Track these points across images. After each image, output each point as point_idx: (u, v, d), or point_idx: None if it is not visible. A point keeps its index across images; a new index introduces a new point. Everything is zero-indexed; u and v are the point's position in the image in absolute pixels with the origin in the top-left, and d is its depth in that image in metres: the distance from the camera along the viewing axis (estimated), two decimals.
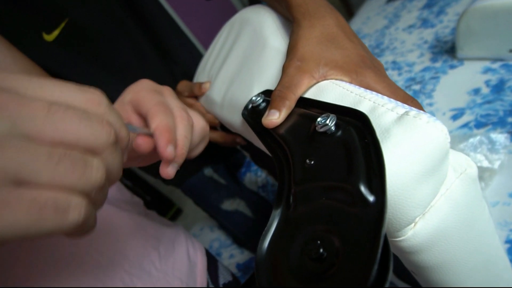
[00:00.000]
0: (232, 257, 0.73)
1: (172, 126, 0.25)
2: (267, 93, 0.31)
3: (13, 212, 0.11)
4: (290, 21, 0.36)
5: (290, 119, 0.25)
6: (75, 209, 0.13)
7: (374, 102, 0.21)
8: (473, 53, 0.69)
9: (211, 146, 0.53)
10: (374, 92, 0.23)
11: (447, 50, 0.78)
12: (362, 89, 0.24)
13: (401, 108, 0.20)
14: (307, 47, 0.28)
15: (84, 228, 0.14)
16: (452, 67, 0.73)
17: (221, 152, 0.68)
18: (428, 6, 0.96)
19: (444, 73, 0.73)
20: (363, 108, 0.22)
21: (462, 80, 0.68)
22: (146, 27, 0.56)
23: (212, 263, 0.50)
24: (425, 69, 0.77)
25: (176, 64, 0.59)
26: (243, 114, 0.31)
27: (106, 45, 0.52)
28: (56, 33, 0.48)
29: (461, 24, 0.64)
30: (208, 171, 0.67)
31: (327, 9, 0.30)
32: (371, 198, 0.16)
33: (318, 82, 0.27)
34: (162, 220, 0.49)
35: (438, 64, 0.76)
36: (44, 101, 0.13)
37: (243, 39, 0.39)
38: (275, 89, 0.27)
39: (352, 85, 0.25)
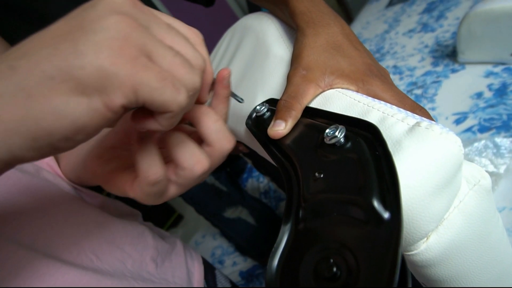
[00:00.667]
0: (235, 264, 0.72)
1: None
2: (271, 102, 0.30)
3: (148, 74, 0.15)
4: (293, 29, 0.36)
5: (296, 129, 0.25)
6: (183, 93, 0.17)
7: (383, 112, 0.21)
8: (475, 57, 0.68)
9: None
10: (382, 102, 0.23)
11: (448, 54, 0.78)
12: (370, 98, 0.23)
13: (411, 118, 0.20)
14: (312, 55, 0.27)
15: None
16: (454, 71, 0.73)
17: None
18: (428, 10, 0.96)
19: (446, 77, 0.73)
20: (372, 118, 0.21)
21: (464, 84, 0.67)
22: None
23: (210, 271, 0.50)
24: (427, 74, 0.77)
25: None
26: (247, 124, 0.30)
27: None
28: None
29: (462, 28, 0.64)
30: (209, 179, 0.66)
31: (331, 17, 0.30)
32: (385, 214, 0.15)
33: (324, 91, 0.27)
34: (160, 231, 0.49)
35: (439, 68, 0.76)
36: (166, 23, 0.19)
37: (246, 46, 0.39)
38: (281, 98, 0.26)
39: (359, 94, 0.24)
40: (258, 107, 0.30)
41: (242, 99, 0.27)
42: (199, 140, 0.24)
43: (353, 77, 0.26)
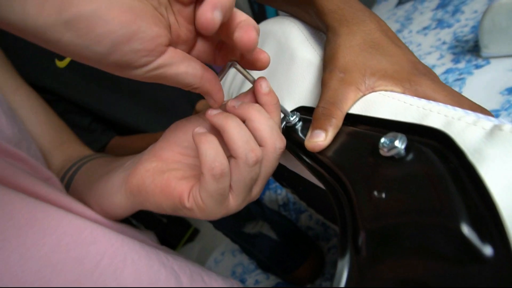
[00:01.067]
0: (257, 283, 0.68)
1: None
2: (302, 110, 0.28)
3: None
4: (320, 31, 0.33)
5: (338, 140, 0.22)
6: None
7: (446, 116, 0.18)
8: (500, 50, 0.65)
9: None
10: (440, 103, 0.19)
11: (469, 50, 0.74)
12: (424, 100, 0.20)
13: (485, 121, 0.16)
14: (349, 56, 0.25)
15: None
16: (478, 66, 0.69)
17: None
18: (441, 6, 0.93)
19: (470, 74, 0.69)
20: (432, 123, 0.18)
21: (492, 80, 0.63)
22: None
23: None
24: (448, 71, 0.73)
25: None
26: None
27: None
28: (68, 59, 0.46)
29: (485, 21, 0.60)
30: None
31: (365, 13, 0.27)
32: (486, 249, 0.12)
33: (364, 95, 0.24)
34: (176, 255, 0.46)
35: (461, 65, 0.72)
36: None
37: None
38: (318, 106, 0.24)
39: (408, 96, 0.22)
40: (289, 117, 0.27)
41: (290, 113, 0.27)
42: None
43: (398, 77, 0.23)
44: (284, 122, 0.28)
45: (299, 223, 0.73)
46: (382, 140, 0.17)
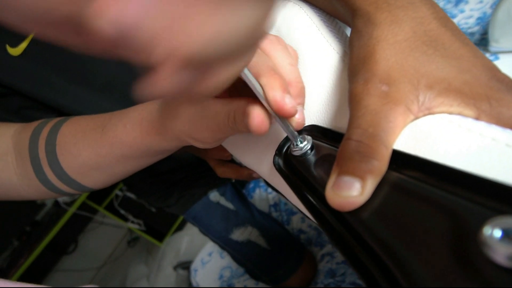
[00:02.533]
0: None
1: (272, 64, 0.19)
2: (316, 132, 0.20)
3: None
4: (339, 19, 0.25)
5: (380, 194, 0.14)
6: None
7: None
8: (511, 45, 0.60)
9: None
10: None
11: (475, 43, 0.69)
12: None
13: None
14: (393, 57, 0.17)
15: None
16: None
17: None
18: None
19: None
20: None
21: None
22: None
23: None
24: None
25: None
26: (276, 164, 0.21)
27: (85, 57, 0.44)
28: (23, 45, 0.39)
29: (500, 12, 0.55)
30: (214, 196, 0.59)
31: None
32: None
33: (416, 118, 0.16)
34: None
35: None
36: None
37: None
38: (349, 137, 0.16)
39: (489, 125, 0.15)
40: (296, 141, 0.19)
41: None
42: None
43: (470, 92, 0.15)
44: (288, 149, 0.20)
45: (290, 226, 0.69)
46: (490, 231, 0.09)
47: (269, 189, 0.79)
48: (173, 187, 0.59)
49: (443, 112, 0.16)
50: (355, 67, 0.18)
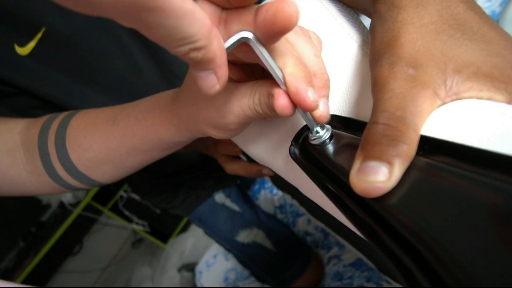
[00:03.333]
0: None
1: (297, 54, 0.18)
2: (335, 122, 0.20)
3: None
4: (355, 8, 0.24)
5: (409, 179, 0.13)
6: None
7: None
8: None
9: (221, 167, 0.45)
10: None
11: None
12: None
13: None
14: (420, 41, 0.16)
15: None
16: None
17: None
18: None
19: None
20: None
21: None
22: (140, 35, 0.47)
23: None
24: None
25: (178, 78, 0.50)
26: (292, 153, 0.20)
27: (93, 57, 0.44)
28: (31, 45, 0.39)
29: (510, 10, 0.54)
30: (219, 197, 0.58)
31: None
32: None
33: (444, 103, 0.16)
34: None
35: None
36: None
37: None
38: (374, 120, 0.15)
39: None
40: (314, 129, 0.19)
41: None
42: None
43: (500, 76, 0.15)
44: (305, 138, 0.20)
45: (296, 228, 0.68)
46: None
47: (275, 191, 0.78)
48: (178, 188, 0.59)
49: (472, 97, 0.15)
50: (378, 52, 0.18)
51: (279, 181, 0.48)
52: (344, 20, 0.24)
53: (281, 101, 0.18)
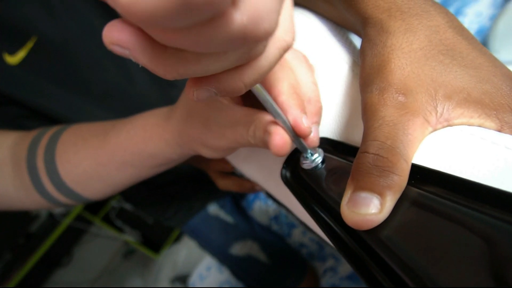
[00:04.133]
0: None
1: (294, 81, 0.19)
2: (326, 145, 0.19)
3: None
4: (346, 28, 0.24)
5: (399, 211, 0.13)
6: None
7: None
8: (511, 56, 0.60)
9: None
10: None
11: None
12: None
13: None
14: (409, 67, 0.16)
15: None
16: None
17: None
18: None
19: None
20: None
21: None
22: None
23: None
24: None
25: (173, 88, 0.49)
26: (283, 177, 0.20)
27: (85, 66, 0.43)
28: (22, 54, 0.38)
29: (500, 24, 0.55)
30: (213, 209, 0.57)
31: (427, 1, 0.18)
32: None
33: (435, 130, 0.15)
34: None
35: None
36: None
37: None
38: (364, 149, 0.15)
39: None
40: (306, 154, 0.19)
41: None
42: None
43: (490, 103, 0.15)
44: (296, 159, 0.19)
45: (291, 239, 0.67)
46: None
47: (270, 202, 0.77)
48: (171, 199, 0.58)
49: (463, 123, 0.15)
50: (368, 77, 0.18)
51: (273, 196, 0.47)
52: (335, 41, 0.24)
53: (277, 141, 0.17)
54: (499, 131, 0.14)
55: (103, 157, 0.29)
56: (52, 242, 1.46)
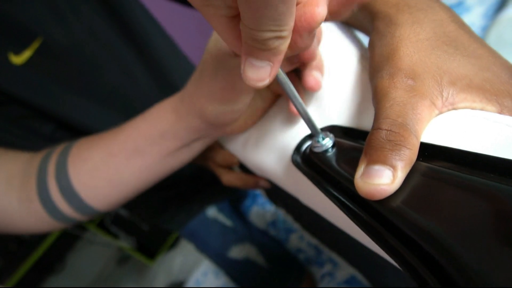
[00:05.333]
0: None
1: None
2: (337, 132, 0.21)
3: None
4: (353, 26, 0.26)
5: (410, 182, 0.14)
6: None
7: None
8: None
9: (215, 181, 0.45)
10: None
11: None
12: None
13: None
14: (417, 54, 0.18)
15: None
16: None
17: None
18: None
19: None
20: None
21: None
22: (137, 47, 0.47)
23: None
24: None
25: (175, 90, 0.50)
26: (294, 161, 0.21)
27: (89, 68, 0.44)
28: (27, 54, 0.39)
29: (491, 35, 0.57)
30: (211, 212, 0.57)
31: None
32: None
33: (441, 113, 0.17)
34: None
35: None
36: None
37: None
38: (377, 127, 0.16)
39: None
40: (319, 139, 0.20)
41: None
42: None
43: (491, 89, 0.16)
44: (309, 147, 0.20)
45: (289, 244, 0.67)
46: None
47: (267, 207, 0.77)
48: (169, 202, 0.58)
49: (466, 107, 0.16)
50: (378, 64, 0.19)
51: (274, 195, 0.47)
52: (344, 37, 0.25)
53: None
54: (500, 113, 0.16)
55: (115, 146, 0.30)
56: (45, 249, 1.44)
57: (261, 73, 0.16)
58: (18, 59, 0.38)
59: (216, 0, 0.14)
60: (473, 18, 0.84)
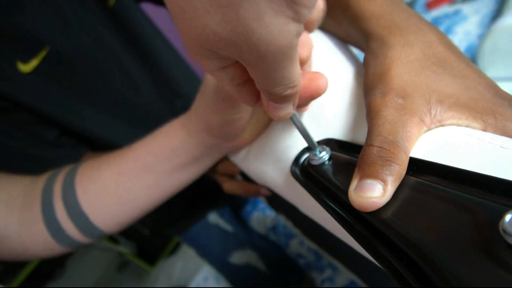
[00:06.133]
0: None
1: None
2: (333, 145, 0.22)
3: None
4: (349, 43, 0.27)
5: (399, 196, 0.15)
6: None
7: None
8: (499, 73, 0.63)
9: (216, 187, 0.45)
10: None
11: None
12: None
13: None
14: (407, 75, 0.19)
15: None
16: None
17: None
18: None
19: None
20: None
21: None
22: (140, 55, 0.49)
23: None
24: None
25: (177, 97, 0.51)
26: (293, 172, 0.22)
27: (93, 77, 0.45)
28: (34, 63, 0.40)
29: (487, 43, 0.59)
30: (213, 218, 0.58)
31: (421, 21, 0.21)
32: None
33: (429, 130, 0.18)
34: None
35: None
36: None
37: None
38: (370, 143, 0.17)
39: (499, 136, 0.16)
40: (316, 152, 0.21)
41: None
42: None
43: (476, 107, 0.17)
44: (307, 157, 0.21)
45: (289, 250, 0.68)
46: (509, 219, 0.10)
47: (268, 212, 0.78)
48: (171, 207, 0.58)
49: (453, 124, 0.17)
50: (371, 83, 0.20)
51: (274, 201, 0.48)
52: (340, 53, 0.26)
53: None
54: (484, 130, 0.17)
55: (125, 165, 0.30)
56: None
57: (284, 112, 0.18)
58: (25, 68, 0.39)
59: (225, 80, 0.16)
60: (470, 26, 0.85)
